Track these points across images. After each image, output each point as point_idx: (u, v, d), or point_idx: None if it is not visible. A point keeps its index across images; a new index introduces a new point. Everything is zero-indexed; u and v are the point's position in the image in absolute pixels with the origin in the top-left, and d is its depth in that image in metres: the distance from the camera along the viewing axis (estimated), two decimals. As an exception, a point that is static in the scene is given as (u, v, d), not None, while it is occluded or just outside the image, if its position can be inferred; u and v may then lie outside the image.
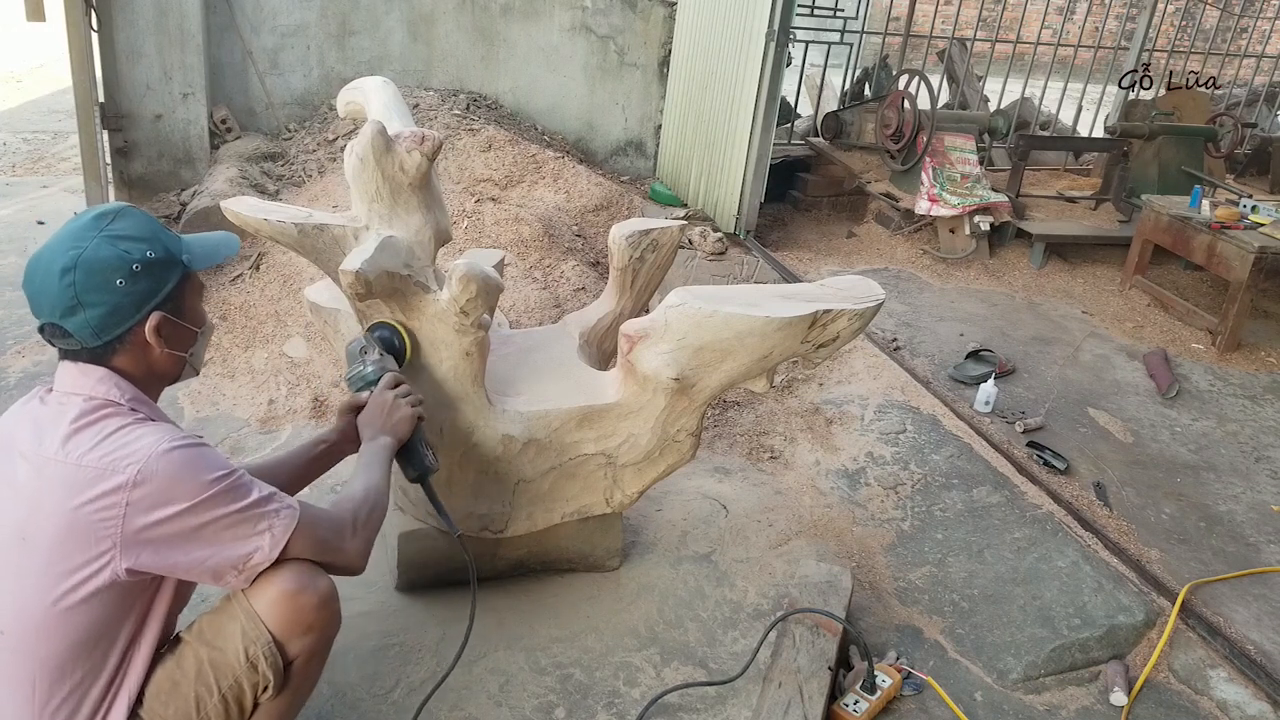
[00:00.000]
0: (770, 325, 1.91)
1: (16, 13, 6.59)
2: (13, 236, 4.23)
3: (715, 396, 2.10)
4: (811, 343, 1.99)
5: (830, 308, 1.95)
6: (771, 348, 1.95)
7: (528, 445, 2.10)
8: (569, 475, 2.18)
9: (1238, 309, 4.25)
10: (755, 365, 2.00)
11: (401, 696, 2.00)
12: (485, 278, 1.89)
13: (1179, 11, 12.14)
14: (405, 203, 2.01)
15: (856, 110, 6.27)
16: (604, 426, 2.13)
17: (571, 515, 2.24)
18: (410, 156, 1.97)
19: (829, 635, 2.13)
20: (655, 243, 2.38)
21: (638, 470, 2.19)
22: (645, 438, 2.13)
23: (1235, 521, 3.00)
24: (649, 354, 2.00)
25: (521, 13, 5.37)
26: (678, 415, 2.11)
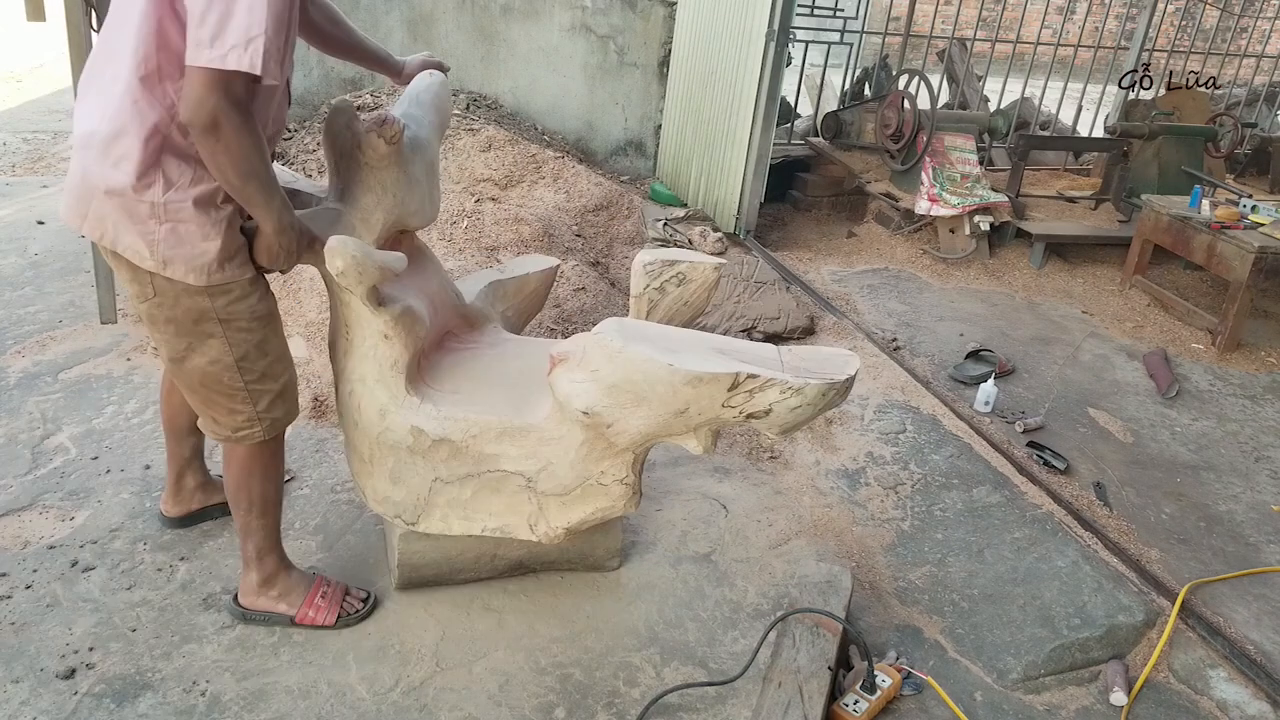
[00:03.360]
0: (676, 377, 1.74)
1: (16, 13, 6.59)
2: (13, 236, 4.23)
3: (639, 445, 1.94)
4: (738, 410, 1.77)
5: (756, 373, 1.73)
6: (686, 403, 1.78)
7: (439, 444, 2.04)
8: (491, 489, 2.10)
9: (1238, 309, 4.25)
10: (675, 420, 1.82)
11: (401, 696, 2.00)
12: (355, 255, 1.83)
13: (1179, 11, 12.14)
14: (360, 181, 2.02)
15: (856, 110, 6.27)
16: (525, 446, 2.03)
17: (493, 531, 2.14)
18: (368, 138, 1.97)
19: (829, 635, 2.13)
20: (682, 277, 2.16)
21: (562, 504, 2.07)
22: (563, 470, 2.01)
23: (1235, 521, 3.00)
24: (563, 380, 1.87)
25: (521, 13, 5.37)
26: (599, 456, 1.98)
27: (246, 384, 1.92)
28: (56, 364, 3.18)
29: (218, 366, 1.88)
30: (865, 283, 4.75)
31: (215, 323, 1.84)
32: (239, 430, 1.96)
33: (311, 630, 2.13)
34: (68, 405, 2.95)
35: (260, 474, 2.03)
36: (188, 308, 1.82)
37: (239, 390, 1.91)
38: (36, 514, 2.45)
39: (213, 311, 1.83)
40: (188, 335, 1.85)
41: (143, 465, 2.68)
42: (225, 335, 1.86)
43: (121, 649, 2.05)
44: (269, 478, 2.05)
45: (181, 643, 2.08)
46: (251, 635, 2.11)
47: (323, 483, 2.68)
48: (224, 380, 1.90)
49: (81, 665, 1.99)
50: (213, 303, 1.82)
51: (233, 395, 1.92)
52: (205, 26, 1.54)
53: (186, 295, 1.80)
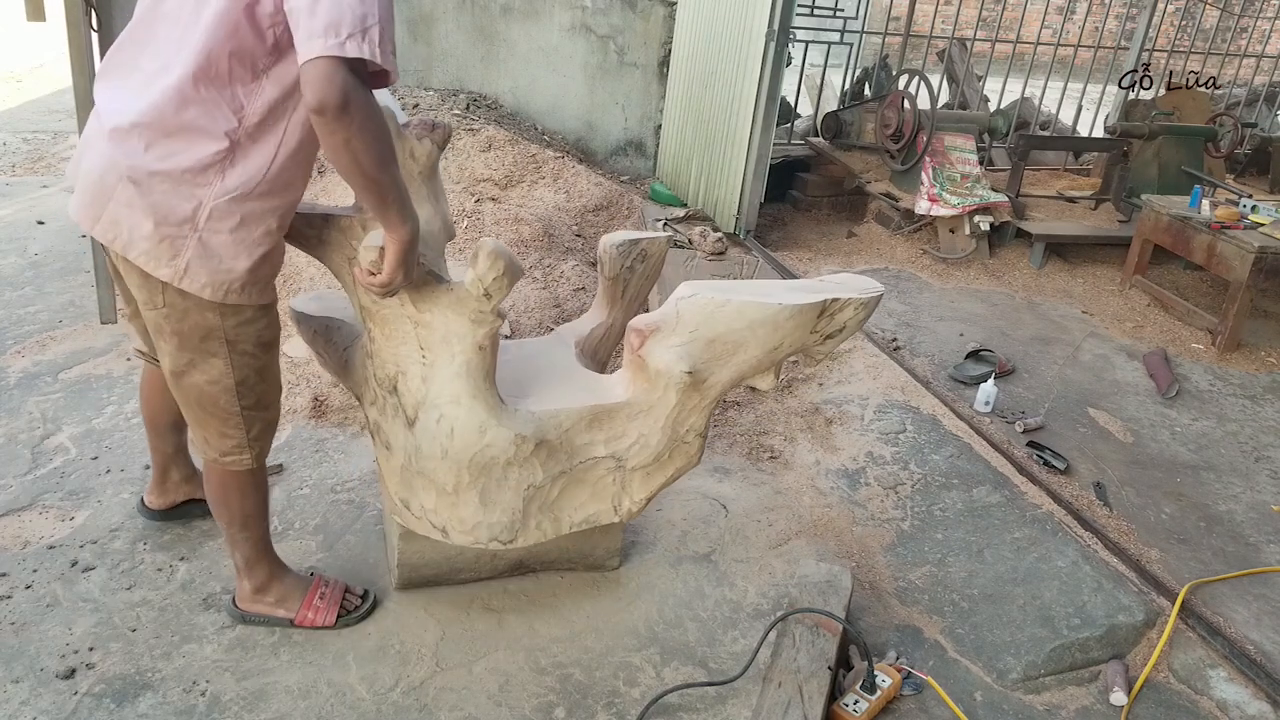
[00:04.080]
0: (783, 314, 1.93)
1: (16, 13, 6.59)
2: (13, 236, 4.23)
3: (724, 393, 2.09)
4: (820, 333, 2.01)
5: (838, 296, 1.98)
6: (783, 338, 1.97)
7: (540, 447, 2.03)
8: (578, 481, 2.12)
9: (1238, 309, 4.25)
10: (765, 358, 2.01)
11: (401, 696, 2.00)
12: (511, 256, 1.85)
13: (1179, 11, 12.14)
14: (415, 192, 1.95)
15: (856, 110, 6.27)
16: (614, 427, 2.09)
17: (579, 525, 2.16)
18: (420, 144, 1.93)
19: (829, 635, 2.13)
20: (644, 252, 2.35)
21: (646, 475, 2.15)
22: (656, 438, 2.09)
23: (1235, 521, 3.00)
24: (661, 348, 1.98)
25: (521, 12, 5.37)
26: (688, 413, 2.08)
27: (242, 408, 1.88)
28: (56, 364, 3.18)
29: (216, 387, 1.84)
30: (865, 283, 4.75)
31: (221, 343, 1.80)
32: (227, 455, 1.93)
33: (311, 630, 2.13)
34: (68, 405, 2.95)
35: (238, 493, 2.00)
36: (196, 323, 1.76)
37: (234, 414, 1.88)
38: (36, 514, 2.45)
39: (221, 331, 1.78)
40: (191, 351, 1.80)
41: (143, 465, 2.68)
42: (229, 356, 1.82)
43: (121, 649, 2.05)
44: (247, 495, 2.01)
45: (181, 643, 2.08)
46: (251, 635, 2.11)
47: (323, 483, 2.68)
48: (220, 402, 1.86)
49: (81, 665, 1.99)
50: (223, 322, 1.77)
51: (227, 419, 1.88)
52: (317, 18, 1.47)
53: (196, 310, 1.75)
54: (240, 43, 1.60)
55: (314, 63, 1.47)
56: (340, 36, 1.47)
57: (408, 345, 1.95)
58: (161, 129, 1.63)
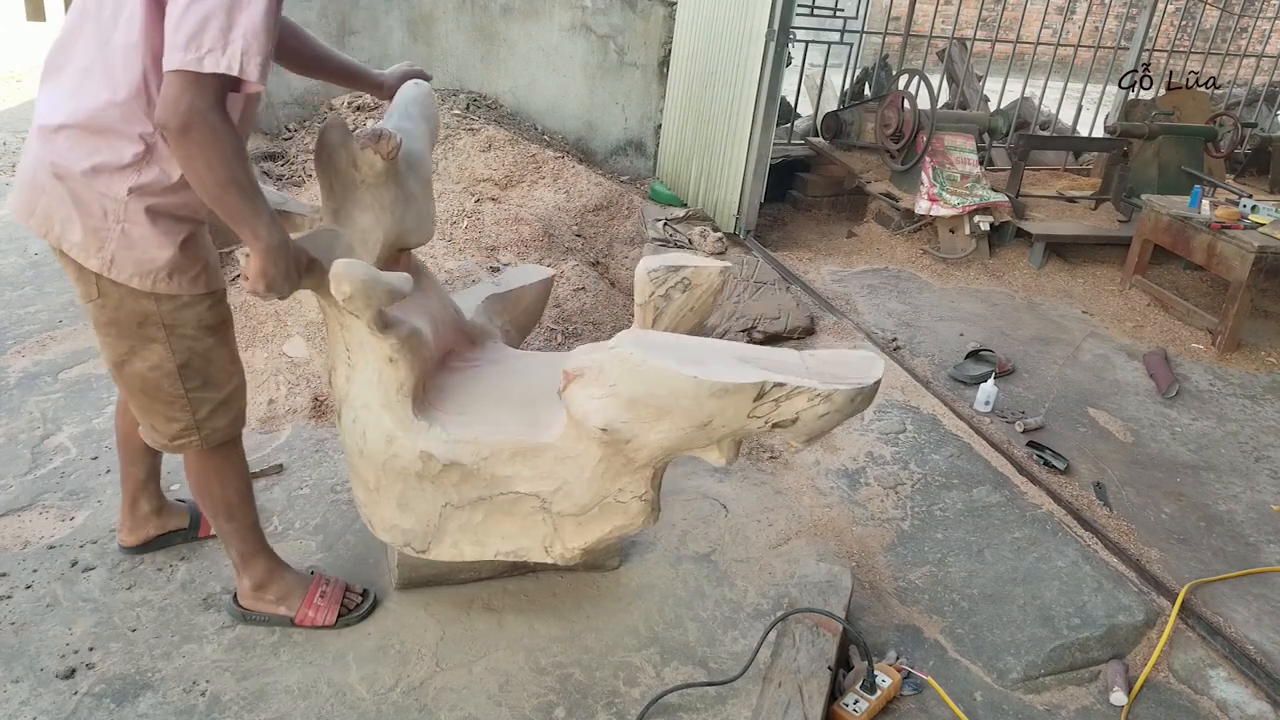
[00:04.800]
0: (702, 389, 1.67)
1: (16, 13, 6.59)
2: (13, 236, 4.23)
3: (659, 460, 1.87)
4: (763, 419, 1.71)
5: (783, 381, 1.68)
6: (710, 416, 1.71)
7: (450, 468, 1.96)
8: (504, 511, 2.02)
9: (1238, 309, 4.25)
10: (698, 433, 1.75)
11: (401, 696, 2.00)
12: (364, 279, 1.75)
13: (1179, 11, 12.14)
14: (357, 200, 1.95)
15: (856, 110, 6.27)
16: (539, 466, 1.95)
17: (506, 555, 2.07)
18: (364, 154, 1.91)
19: (829, 635, 2.13)
20: (686, 282, 2.07)
21: (578, 524, 1.99)
22: (580, 490, 1.93)
23: (1235, 521, 3.00)
24: (580, 396, 1.79)
25: (521, 12, 5.37)
26: (617, 472, 1.90)
27: (186, 391, 1.87)
28: (56, 364, 3.18)
29: (158, 373, 1.84)
30: (865, 283, 4.75)
31: (159, 327, 1.81)
32: (176, 439, 1.92)
33: (311, 630, 2.13)
34: (68, 405, 2.95)
35: (216, 479, 2.00)
36: (131, 310, 1.78)
37: (178, 398, 1.88)
38: (36, 514, 2.45)
39: (157, 316, 1.79)
40: (130, 339, 1.82)
41: (143, 465, 2.68)
42: (168, 341, 1.82)
43: (121, 649, 2.05)
44: (226, 482, 2.01)
45: (181, 643, 2.08)
46: (251, 635, 2.11)
47: (322, 483, 2.68)
48: (164, 387, 1.86)
49: (81, 665, 1.99)
50: (158, 307, 1.79)
51: (171, 403, 1.88)
52: (181, 30, 1.50)
53: (131, 298, 1.77)
54: (155, 45, 1.61)
55: (169, 77, 1.52)
56: (200, 51, 1.50)
57: (338, 346, 2.00)
58: (84, 129, 1.67)
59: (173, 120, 1.53)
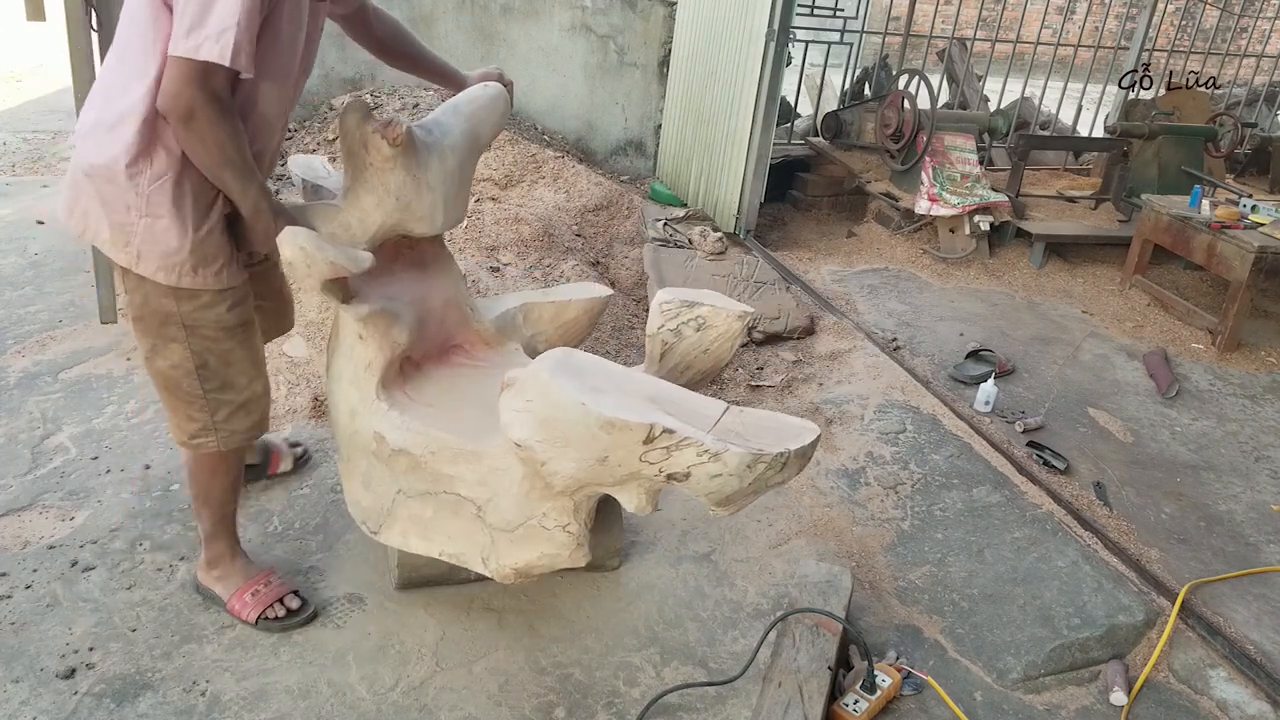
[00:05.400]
0: (589, 418, 1.59)
1: (16, 13, 6.59)
2: (13, 236, 4.23)
3: (574, 491, 1.79)
4: (657, 467, 1.60)
5: (672, 429, 1.56)
6: (605, 450, 1.62)
7: (399, 454, 1.98)
8: (450, 511, 2.00)
9: (1238, 309, 4.25)
10: (599, 468, 1.67)
11: (401, 696, 2.00)
12: (304, 247, 1.79)
13: (1179, 11, 12.14)
14: (364, 181, 2.00)
15: (856, 110, 6.27)
16: (478, 473, 1.93)
17: (449, 557, 2.04)
18: (373, 138, 1.94)
19: (829, 635, 2.13)
20: (701, 321, 1.99)
21: (510, 541, 1.93)
22: (506, 504, 1.90)
23: (1235, 521, 3.00)
24: (505, 407, 1.72)
25: (521, 12, 5.37)
26: (540, 495, 1.84)
27: (205, 392, 1.92)
28: (56, 364, 3.18)
29: (178, 371, 1.90)
30: (865, 283, 4.75)
31: (179, 327, 1.86)
32: (194, 438, 1.97)
33: (311, 630, 2.13)
34: (68, 405, 2.95)
35: (207, 474, 2.05)
36: (155, 309, 1.85)
37: (197, 398, 1.93)
38: (36, 514, 2.45)
39: (178, 316, 1.85)
40: (153, 336, 1.88)
41: (143, 465, 2.68)
42: (188, 341, 1.87)
43: (121, 649, 2.05)
44: (215, 477, 2.06)
45: (181, 643, 2.08)
46: (251, 635, 2.11)
47: (323, 483, 2.68)
48: (183, 386, 1.91)
49: (81, 665, 1.99)
50: (179, 306, 1.84)
51: (190, 402, 1.93)
52: (185, 17, 1.59)
53: (155, 295, 1.83)
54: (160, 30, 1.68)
55: (170, 64, 1.61)
56: (198, 39, 1.59)
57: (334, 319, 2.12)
58: (105, 125, 1.75)
59: (175, 108, 1.63)
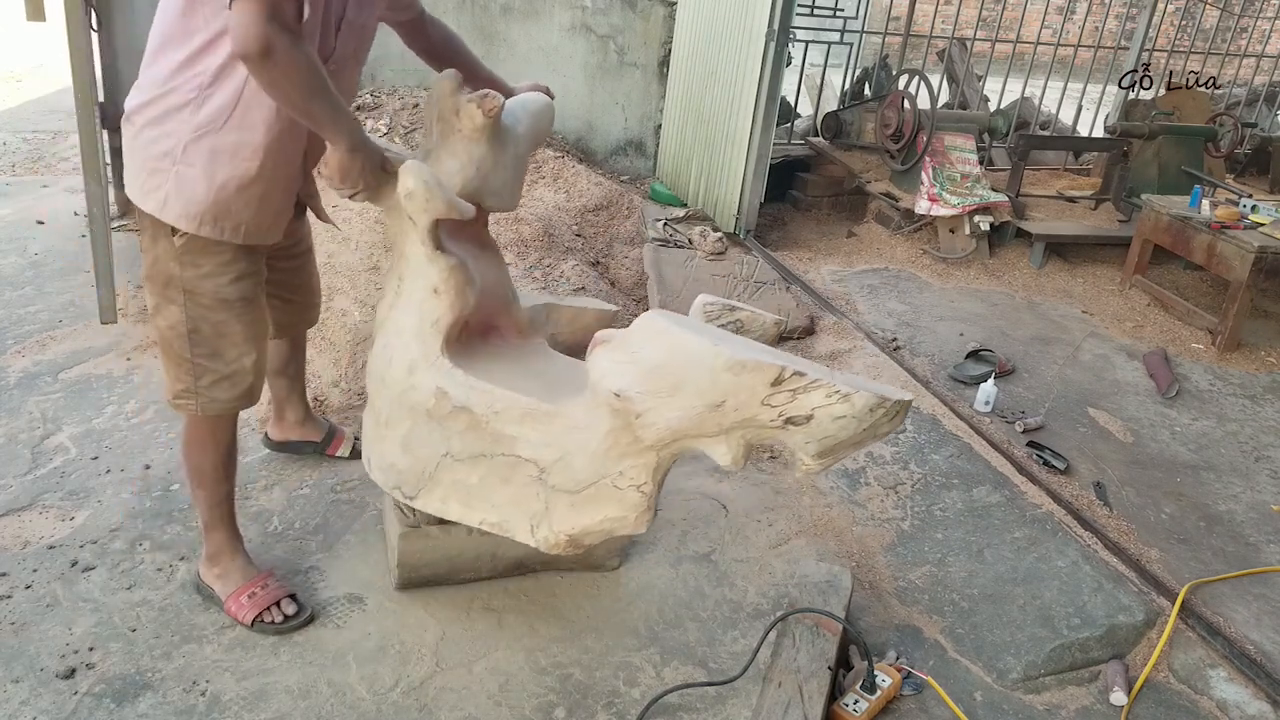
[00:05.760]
0: (718, 360, 1.63)
1: (16, 13, 6.59)
2: (13, 236, 4.23)
3: (665, 444, 1.81)
4: (777, 410, 1.65)
5: (804, 371, 1.62)
6: (724, 395, 1.67)
7: (459, 412, 1.98)
8: (500, 477, 2.00)
9: (1238, 309, 4.25)
10: (708, 416, 1.70)
11: (401, 696, 2.00)
12: (428, 180, 1.88)
13: (1179, 11, 12.14)
14: (450, 147, 2.07)
15: (856, 110, 6.27)
16: (547, 433, 1.93)
17: (492, 526, 2.05)
18: (467, 106, 2.04)
19: (829, 635, 2.13)
20: (739, 324, 2.06)
21: (570, 505, 1.94)
22: (581, 461, 1.89)
23: (1235, 521, 3.00)
24: (602, 358, 1.80)
25: (521, 12, 5.37)
26: (622, 452, 1.85)
27: (193, 356, 1.99)
28: (56, 364, 3.18)
29: (172, 333, 1.98)
30: (865, 283, 4.75)
31: (179, 291, 1.94)
32: (177, 398, 2.04)
33: (311, 630, 2.13)
34: (68, 405, 2.95)
35: (198, 446, 2.11)
36: (161, 270, 1.93)
37: (186, 360, 2.00)
38: (36, 514, 2.45)
39: (179, 280, 1.92)
40: (157, 295, 1.97)
41: (143, 465, 2.68)
42: (185, 306, 1.95)
43: (121, 649, 2.05)
44: (204, 453, 2.10)
45: (181, 643, 2.08)
46: (251, 635, 2.11)
47: (322, 483, 2.68)
48: (174, 346, 1.99)
49: (81, 665, 1.99)
50: (181, 271, 1.91)
51: (179, 363, 2.01)
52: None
53: (164, 258, 1.91)
54: None
55: (236, 7, 1.60)
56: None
57: (394, 275, 2.11)
58: (153, 84, 1.82)
59: (252, 46, 1.60)
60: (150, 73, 1.85)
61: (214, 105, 1.80)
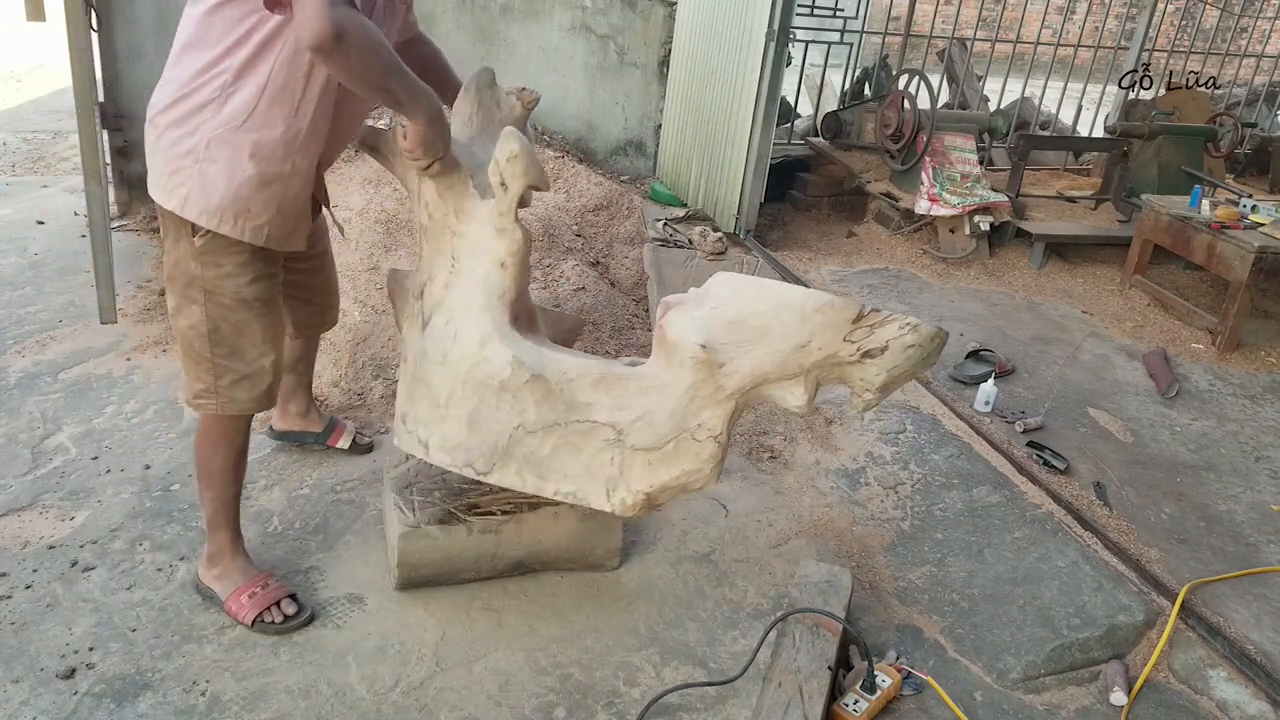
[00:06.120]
0: (809, 302, 1.84)
1: (16, 13, 6.58)
2: (13, 236, 4.23)
3: (745, 390, 1.93)
4: (856, 345, 1.85)
5: (879, 308, 1.86)
6: (811, 335, 1.85)
7: (535, 381, 2.00)
8: (573, 446, 2.04)
9: (1238, 309, 4.25)
10: (791, 357, 1.87)
11: (401, 696, 2.00)
12: (530, 148, 1.95)
13: (1179, 11, 12.14)
14: (492, 135, 2.12)
15: (856, 110, 6.27)
16: (621, 395, 2.00)
17: (566, 496, 2.07)
18: (508, 98, 2.23)
19: (829, 635, 2.13)
20: None
21: (648, 463, 2.01)
22: (662, 417, 1.97)
23: (1235, 521, 3.00)
24: (681, 318, 1.93)
25: (521, 12, 5.37)
26: (702, 402, 1.95)
27: (213, 356, 2.02)
28: (56, 364, 3.18)
29: (193, 332, 2.00)
30: (865, 283, 4.75)
31: (200, 291, 1.96)
32: (197, 397, 2.07)
33: (311, 630, 2.13)
34: (68, 405, 2.95)
35: (209, 446, 2.12)
36: (183, 270, 1.95)
37: (206, 359, 2.02)
38: (36, 514, 2.45)
39: (200, 280, 1.95)
40: (178, 296, 1.99)
41: (143, 465, 2.68)
42: (206, 305, 1.97)
43: (121, 649, 2.05)
44: (216, 452, 2.12)
45: (181, 643, 2.08)
46: (251, 635, 2.11)
47: (322, 483, 2.68)
48: (195, 346, 2.02)
49: (81, 665, 1.99)
50: (202, 271, 1.94)
51: (200, 363, 2.03)
52: None
53: (185, 258, 1.94)
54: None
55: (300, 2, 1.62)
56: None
57: (443, 256, 2.11)
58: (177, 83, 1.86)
59: (325, 33, 1.61)
60: (173, 74, 1.87)
61: (236, 103, 1.83)
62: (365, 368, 3.19)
